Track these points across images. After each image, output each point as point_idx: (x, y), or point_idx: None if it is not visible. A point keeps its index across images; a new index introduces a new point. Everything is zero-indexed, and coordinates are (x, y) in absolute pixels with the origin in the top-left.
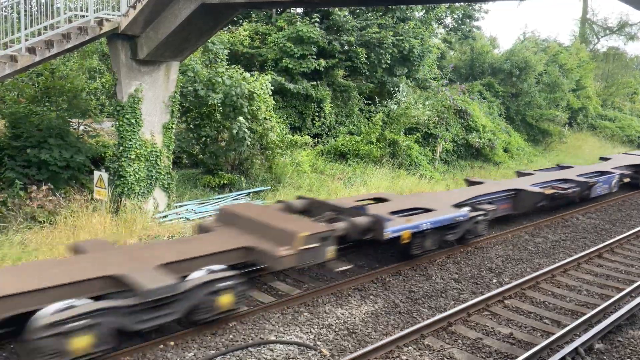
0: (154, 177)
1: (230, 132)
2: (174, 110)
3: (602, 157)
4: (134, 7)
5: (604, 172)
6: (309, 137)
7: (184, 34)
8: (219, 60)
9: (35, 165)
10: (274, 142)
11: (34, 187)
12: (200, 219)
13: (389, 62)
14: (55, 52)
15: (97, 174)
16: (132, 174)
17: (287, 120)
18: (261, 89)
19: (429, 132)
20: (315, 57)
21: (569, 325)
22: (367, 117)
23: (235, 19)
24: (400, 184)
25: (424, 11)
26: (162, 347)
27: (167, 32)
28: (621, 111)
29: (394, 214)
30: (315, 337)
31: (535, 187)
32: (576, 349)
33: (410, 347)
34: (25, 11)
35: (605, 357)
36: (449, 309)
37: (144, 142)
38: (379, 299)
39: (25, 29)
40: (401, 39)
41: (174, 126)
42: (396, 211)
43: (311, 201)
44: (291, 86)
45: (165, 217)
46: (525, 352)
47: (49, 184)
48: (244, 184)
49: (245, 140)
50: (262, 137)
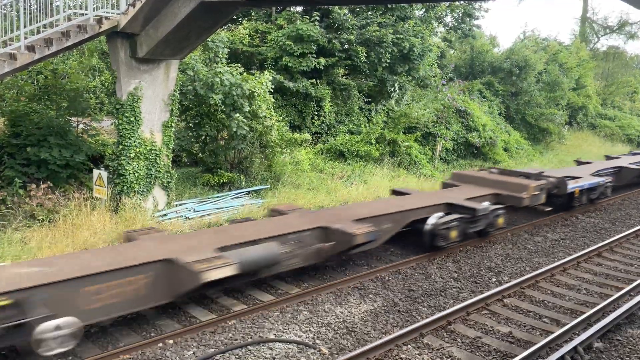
0: (154, 176)
1: (229, 130)
2: (174, 108)
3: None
4: (133, 5)
5: None
6: (308, 134)
7: (183, 32)
8: (219, 58)
9: (34, 163)
10: (273, 140)
11: (34, 186)
12: (199, 217)
13: (389, 60)
14: (54, 50)
15: (96, 172)
16: (131, 172)
17: (286, 118)
18: (261, 87)
19: (428, 131)
20: (315, 55)
21: (568, 324)
22: (366, 116)
23: (235, 17)
24: (400, 182)
25: (424, 10)
26: (161, 345)
27: (166, 30)
28: (621, 110)
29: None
30: (314, 335)
31: (633, 165)
32: (575, 348)
33: (409, 346)
34: (24, 9)
35: (604, 356)
36: (448, 308)
37: (143, 140)
38: (378, 297)
39: (24, 27)
40: (401, 37)
41: (173, 125)
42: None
43: (504, 170)
44: (291, 85)
45: (164, 215)
46: (524, 350)
47: (49, 182)
48: (244, 183)
49: (244, 137)
50: (262, 135)
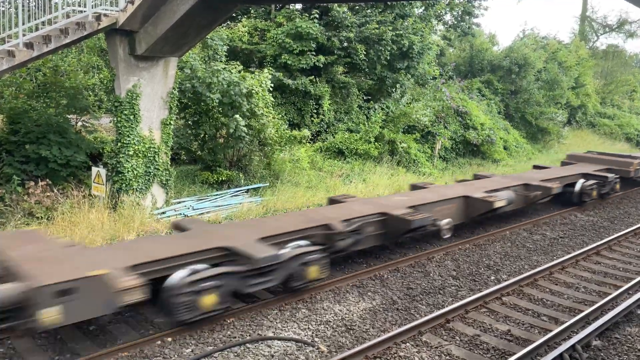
0: (152, 173)
1: (227, 129)
2: (173, 106)
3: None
4: (132, 2)
5: None
6: (307, 132)
7: (182, 29)
8: (218, 56)
9: (33, 161)
10: (272, 138)
11: (32, 183)
12: (198, 215)
13: (389, 58)
14: (53, 47)
15: (94, 170)
16: (130, 170)
17: (285, 116)
18: (260, 86)
19: (427, 130)
20: (314, 53)
21: (566, 322)
22: (365, 115)
23: (234, 15)
24: (399, 181)
25: (423, 8)
26: (159, 343)
27: (165, 27)
28: (620, 109)
29: None
30: (313, 333)
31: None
32: (573, 346)
33: (408, 344)
34: (23, 6)
35: (602, 354)
36: (447, 306)
37: (142, 138)
38: (377, 295)
39: (23, 24)
40: (400, 34)
41: (172, 122)
42: None
43: (601, 152)
44: (290, 82)
45: (163, 213)
46: (522, 349)
47: (47, 180)
48: (243, 181)
49: (243, 138)
50: (260, 133)
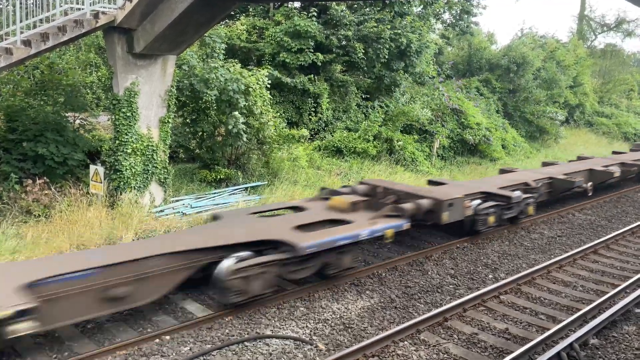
0: (150, 172)
1: (226, 127)
2: (171, 104)
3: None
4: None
5: None
6: (306, 130)
7: (180, 27)
8: (216, 54)
9: (31, 159)
10: (270, 136)
11: (30, 181)
12: (196, 213)
13: (387, 57)
14: (50, 45)
15: (92, 168)
16: (128, 168)
17: (284, 115)
18: (257, 83)
19: (424, 129)
20: (312, 51)
21: (564, 320)
22: (364, 113)
23: (232, 13)
24: (397, 180)
25: (421, 6)
26: (157, 341)
27: (163, 25)
28: (618, 108)
29: None
30: (311, 331)
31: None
32: (571, 345)
33: (406, 342)
34: (20, 4)
35: (599, 353)
36: (445, 304)
37: (140, 136)
38: (375, 294)
39: (20, 21)
40: (398, 33)
41: (170, 120)
42: None
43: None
44: (288, 80)
45: (161, 211)
46: (520, 347)
47: (45, 178)
48: (241, 179)
49: (241, 136)
50: (259, 132)
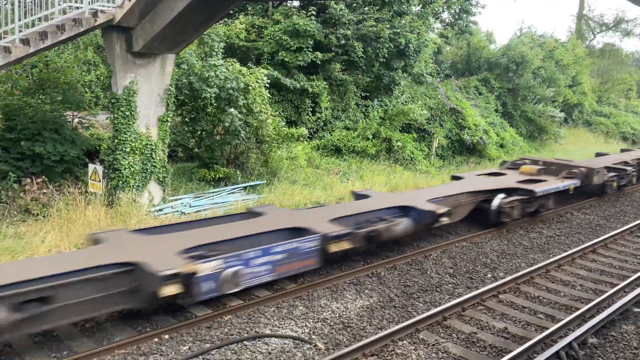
0: (149, 171)
1: (223, 124)
2: (170, 103)
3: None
4: None
5: None
6: (305, 129)
7: (180, 26)
8: (215, 53)
9: (29, 157)
10: (269, 135)
11: (28, 180)
12: (195, 212)
13: (386, 56)
14: (49, 43)
15: (91, 167)
16: (127, 167)
17: (283, 114)
18: (256, 82)
19: (422, 128)
20: (311, 50)
21: (563, 320)
22: (363, 112)
23: (231, 12)
24: (396, 179)
25: (420, 6)
26: (156, 340)
27: (163, 24)
28: (616, 107)
29: None
30: (310, 331)
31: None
32: (570, 344)
33: (405, 341)
34: (19, 2)
35: (598, 352)
36: (444, 304)
37: (139, 135)
38: (374, 293)
39: (19, 20)
40: (397, 32)
41: (169, 119)
42: None
43: None
44: (287, 81)
45: (160, 210)
46: (519, 346)
47: (43, 177)
48: (240, 178)
49: (239, 132)
50: (258, 130)
